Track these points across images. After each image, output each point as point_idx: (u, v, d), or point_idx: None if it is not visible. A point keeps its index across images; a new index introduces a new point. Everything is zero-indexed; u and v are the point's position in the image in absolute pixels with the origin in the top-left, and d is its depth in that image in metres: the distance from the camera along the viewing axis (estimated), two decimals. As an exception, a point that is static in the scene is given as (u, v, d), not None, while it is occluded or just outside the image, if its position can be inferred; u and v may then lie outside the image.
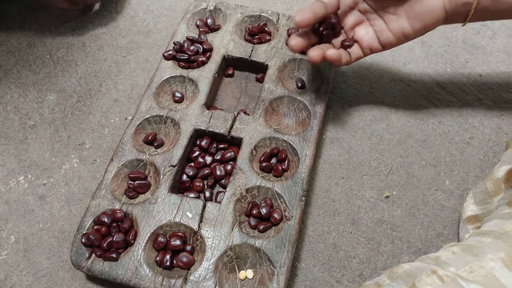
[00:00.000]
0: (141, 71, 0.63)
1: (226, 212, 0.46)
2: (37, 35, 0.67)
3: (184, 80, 0.57)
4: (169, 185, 0.48)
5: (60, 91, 0.61)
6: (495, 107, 0.58)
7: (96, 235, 0.44)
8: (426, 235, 0.49)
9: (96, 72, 0.63)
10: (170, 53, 0.58)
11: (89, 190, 0.53)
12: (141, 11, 0.71)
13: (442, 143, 0.56)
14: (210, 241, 0.44)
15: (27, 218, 0.51)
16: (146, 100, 0.55)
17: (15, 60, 0.65)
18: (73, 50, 0.66)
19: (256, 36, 0.61)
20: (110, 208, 0.47)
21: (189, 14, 0.64)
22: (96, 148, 0.56)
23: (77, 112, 0.59)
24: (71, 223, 0.50)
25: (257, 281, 0.43)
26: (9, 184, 0.53)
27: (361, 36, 0.49)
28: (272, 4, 0.72)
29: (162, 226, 0.46)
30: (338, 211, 0.51)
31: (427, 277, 0.31)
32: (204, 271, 0.43)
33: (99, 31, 0.68)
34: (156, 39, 0.67)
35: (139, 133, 0.53)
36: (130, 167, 0.50)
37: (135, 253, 0.44)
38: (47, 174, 0.54)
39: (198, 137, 0.54)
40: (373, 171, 0.54)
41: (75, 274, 0.47)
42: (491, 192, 0.43)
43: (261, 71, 0.60)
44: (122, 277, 0.43)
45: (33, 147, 0.56)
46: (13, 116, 0.59)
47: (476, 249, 0.32)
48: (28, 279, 0.47)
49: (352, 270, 0.47)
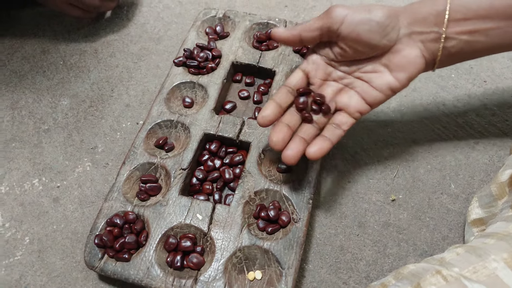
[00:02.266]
0: (152, 77, 0.65)
1: (235, 214, 0.47)
2: (51, 42, 0.69)
3: (194, 86, 0.58)
4: (179, 188, 0.49)
5: (73, 96, 0.63)
6: (500, 112, 0.59)
7: (108, 236, 0.45)
8: (432, 238, 0.50)
9: (108, 78, 0.65)
10: (181, 60, 0.60)
11: (101, 192, 0.54)
12: (152, 18, 0.73)
13: (447, 147, 0.56)
14: (220, 243, 0.45)
15: (41, 220, 0.52)
16: (157, 105, 0.56)
17: (30, 66, 0.66)
18: (85, 56, 0.67)
19: (264, 43, 0.63)
20: (122, 210, 0.48)
21: (199, 21, 0.65)
22: (108, 152, 0.57)
23: (90, 117, 0.61)
24: (84, 225, 0.52)
25: (265, 282, 0.44)
26: (24, 187, 0.55)
27: (346, 103, 0.45)
28: (279, 12, 0.73)
29: (173, 228, 0.47)
30: (345, 214, 0.52)
31: (432, 277, 0.32)
32: (214, 272, 0.44)
33: (111, 38, 0.70)
34: (167, 46, 0.69)
35: (151, 137, 0.54)
36: (142, 170, 0.51)
37: (146, 254, 0.45)
38: (61, 177, 0.55)
39: (207, 141, 0.55)
40: (379, 175, 0.54)
41: (88, 274, 0.48)
42: (496, 196, 0.43)
43: (269, 77, 0.61)
44: (134, 277, 0.44)
45: (47, 151, 0.58)
46: (27, 121, 0.60)
47: (480, 250, 0.33)
48: (42, 279, 0.48)
49: (359, 272, 0.48)
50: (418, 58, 0.42)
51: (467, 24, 0.40)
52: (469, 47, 0.42)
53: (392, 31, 0.41)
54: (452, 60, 0.44)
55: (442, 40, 0.41)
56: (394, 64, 0.42)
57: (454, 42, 0.41)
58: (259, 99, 0.59)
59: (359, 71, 0.45)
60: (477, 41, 0.41)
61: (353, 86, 0.45)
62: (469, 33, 0.41)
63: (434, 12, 0.41)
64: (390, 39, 0.41)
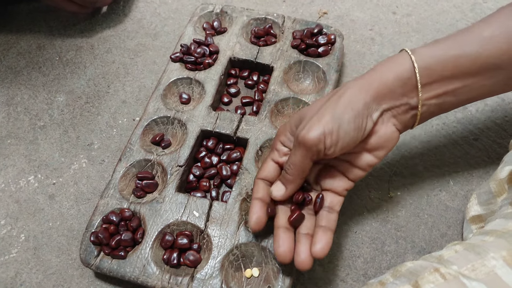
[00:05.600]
0: (149, 73, 0.64)
1: (232, 211, 0.47)
2: (47, 38, 0.69)
3: (191, 82, 0.58)
4: (176, 185, 0.49)
5: (69, 93, 0.62)
6: (499, 109, 0.59)
7: (104, 234, 0.45)
8: (430, 235, 0.49)
9: (104, 74, 0.64)
10: (177, 55, 0.59)
11: (97, 189, 0.54)
12: (149, 14, 0.72)
13: (446, 144, 0.56)
14: (217, 240, 0.45)
15: (37, 217, 0.52)
16: (154, 101, 0.56)
17: (25, 62, 0.66)
18: (81, 52, 0.67)
19: (262, 38, 0.62)
20: (118, 207, 0.48)
21: (196, 17, 0.65)
22: (105, 149, 0.57)
23: (86, 113, 0.60)
24: (80, 222, 0.51)
25: (262, 279, 0.44)
26: (20, 184, 0.54)
27: (331, 184, 0.44)
28: (277, 7, 0.72)
29: (170, 225, 0.46)
30: (343, 211, 0.51)
31: (430, 275, 0.32)
32: (210, 269, 0.43)
33: (107, 34, 0.69)
34: (163, 42, 0.68)
35: (147, 133, 0.54)
36: (138, 167, 0.51)
37: (142, 251, 0.45)
38: (57, 174, 0.55)
39: (204, 137, 0.55)
40: (377, 172, 0.54)
41: (83, 271, 0.48)
42: (495, 193, 0.43)
43: (267, 73, 0.60)
44: (130, 275, 0.43)
45: (42, 148, 0.57)
46: (23, 117, 0.60)
47: (479, 247, 0.33)
48: (38, 276, 0.48)
49: (357, 269, 0.48)
50: (394, 133, 0.42)
51: (434, 88, 0.39)
52: (438, 109, 0.41)
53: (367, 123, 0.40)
54: (423, 121, 0.43)
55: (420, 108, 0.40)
56: (372, 145, 0.42)
57: (425, 107, 0.41)
58: (260, 98, 0.58)
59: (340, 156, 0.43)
60: (445, 102, 0.41)
61: (334, 165, 0.44)
62: (437, 96, 0.40)
63: (399, 82, 0.39)
64: (367, 129, 0.40)
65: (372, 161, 0.42)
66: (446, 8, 0.71)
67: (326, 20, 0.70)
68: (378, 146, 0.42)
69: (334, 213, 0.42)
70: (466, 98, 0.41)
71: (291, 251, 0.40)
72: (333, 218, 0.42)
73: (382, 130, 0.41)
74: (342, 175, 0.44)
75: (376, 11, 0.71)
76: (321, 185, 0.45)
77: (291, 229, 0.42)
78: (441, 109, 0.42)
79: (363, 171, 0.43)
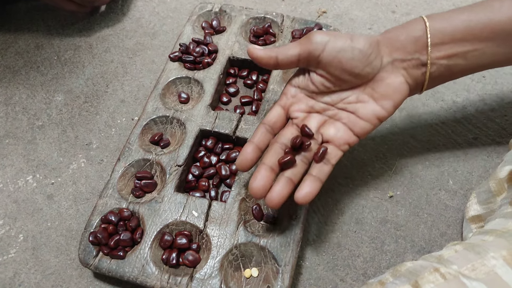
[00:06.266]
0: (147, 72, 0.64)
1: (231, 211, 0.47)
2: (45, 37, 0.68)
3: (189, 81, 0.58)
4: (175, 185, 0.49)
5: (67, 92, 0.62)
6: (498, 108, 0.59)
7: (103, 234, 0.45)
8: (430, 235, 0.49)
9: (102, 73, 0.64)
10: (176, 55, 0.59)
11: (96, 189, 0.54)
12: (147, 13, 0.72)
13: (445, 143, 0.56)
14: (216, 240, 0.45)
15: (35, 217, 0.52)
16: (153, 101, 0.55)
17: (23, 61, 0.66)
18: (80, 51, 0.67)
19: (261, 37, 0.62)
20: (117, 207, 0.47)
21: (195, 16, 0.64)
22: (103, 148, 0.57)
23: (84, 113, 0.60)
24: (79, 222, 0.51)
25: (262, 279, 0.44)
26: (18, 184, 0.54)
27: (333, 136, 0.43)
28: (276, 6, 0.72)
29: (169, 225, 0.46)
30: (342, 210, 0.51)
31: (430, 275, 0.31)
32: (209, 269, 0.43)
33: (105, 33, 0.69)
34: (162, 41, 0.68)
35: (146, 133, 0.54)
36: (137, 166, 0.51)
37: (141, 251, 0.44)
38: (55, 173, 0.55)
39: (203, 137, 0.54)
40: (376, 171, 0.54)
41: (82, 272, 0.48)
42: (494, 192, 0.43)
43: (266, 72, 0.60)
44: (129, 275, 0.43)
45: (41, 147, 0.57)
46: (21, 117, 0.60)
47: (479, 247, 0.33)
48: (37, 276, 0.48)
49: (356, 268, 0.47)
50: (403, 85, 0.42)
51: (445, 49, 0.40)
52: (448, 71, 0.42)
53: (375, 59, 0.41)
54: (433, 84, 0.43)
55: (428, 66, 0.41)
56: (379, 93, 0.42)
57: (435, 67, 0.41)
58: (259, 96, 0.58)
59: (342, 102, 0.43)
60: (456, 65, 0.41)
61: (339, 117, 0.43)
62: (448, 57, 0.41)
63: (412, 39, 0.41)
64: (373, 67, 0.41)
65: (379, 112, 0.42)
66: (446, 7, 0.71)
67: (325, 19, 0.70)
68: (385, 95, 0.42)
69: (329, 165, 0.41)
70: (476, 63, 0.41)
71: (265, 189, 0.40)
72: (326, 169, 0.41)
73: (390, 78, 0.42)
74: (346, 127, 0.43)
75: (375, 10, 0.71)
76: (322, 135, 0.43)
77: (276, 171, 0.41)
78: (451, 72, 0.42)
79: (369, 124, 0.42)
